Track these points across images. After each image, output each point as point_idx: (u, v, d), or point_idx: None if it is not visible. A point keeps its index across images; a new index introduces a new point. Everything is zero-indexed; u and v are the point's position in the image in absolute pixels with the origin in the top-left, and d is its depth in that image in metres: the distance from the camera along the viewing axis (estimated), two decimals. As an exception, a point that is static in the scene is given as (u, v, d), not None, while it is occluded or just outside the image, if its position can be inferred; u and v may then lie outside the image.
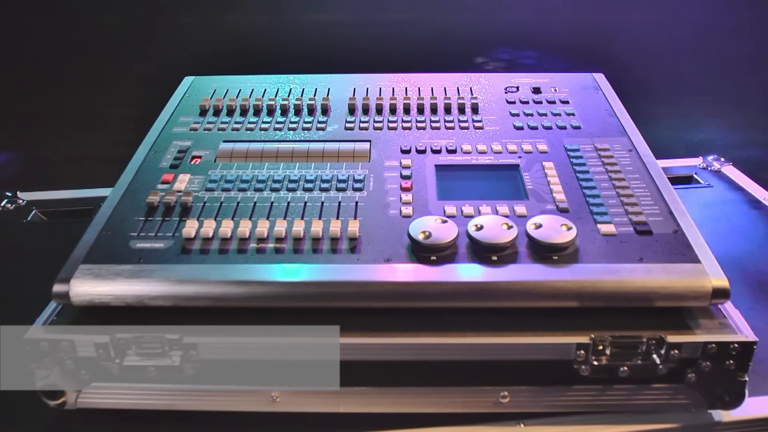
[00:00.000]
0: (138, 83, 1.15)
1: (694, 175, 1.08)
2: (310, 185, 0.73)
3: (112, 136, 1.17)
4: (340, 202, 0.70)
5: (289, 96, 0.92)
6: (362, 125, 0.85)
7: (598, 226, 0.66)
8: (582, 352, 0.59)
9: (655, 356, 0.59)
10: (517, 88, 0.94)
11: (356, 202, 0.70)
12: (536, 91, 0.93)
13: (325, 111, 0.89)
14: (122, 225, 0.67)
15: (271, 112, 0.89)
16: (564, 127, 0.84)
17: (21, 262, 0.88)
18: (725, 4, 1.16)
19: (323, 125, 0.85)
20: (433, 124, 0.85)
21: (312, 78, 0.97)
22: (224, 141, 0.82)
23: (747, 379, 0.59)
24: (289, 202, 0.70)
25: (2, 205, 1.02)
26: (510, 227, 0.62)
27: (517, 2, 1.15)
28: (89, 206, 1.00)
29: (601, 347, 0.59)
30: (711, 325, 0.60)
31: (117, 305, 0.60)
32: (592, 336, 0.58)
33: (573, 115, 0.87)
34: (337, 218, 0.67)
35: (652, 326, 0.59)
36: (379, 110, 0.89)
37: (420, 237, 0.62)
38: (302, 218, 0.67)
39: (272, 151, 0.79)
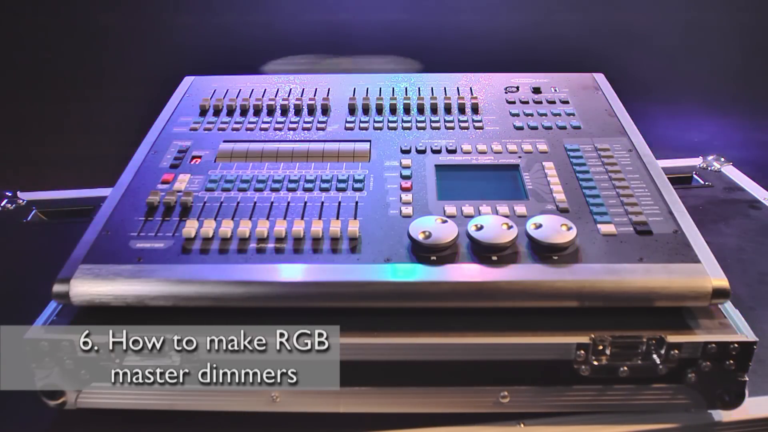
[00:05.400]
0: (138, 83, 1.15)
1: (694, 175, 1.08)
2: (310, 185, 0.73)
3: (111, 136, 1.17)
4: (340, 202, 0.70)
5: (289, 96, 0.92)
6: (362, 125, 0.85)
7: (598, 226, 0.66)
8: (582, 352, 0.59)
9: (655, 356, 0.59)
10: (517, 88, 0.94)
11: (356, 202, 0.70)
12: (536, 91, 0.93)
13: (325, 111, 0.89)
14: (122, 225, 0.67)
15: (271, 112, 0.89)
16: (564, 127, 0.84)
17: (21, 262, 0.88)
18: (725, 4, 1.16)
19: (323, 125, 0.85)
20: (433, 124, 0.85)
21: (312, 78, 0.97)
22: (224, 141, 0.81)
23: (747, 379, 0.59)
24: (289, 202, 0.70)
25: (2, 205, 1.02)
26: (510, 227, 0.62)
27: (517, 2, 1.15)
28: (89, 206, 1.00)
29: (601, 347, 0.59)
30: (711, 325, 0.60)
31: (117, 305, 0.60)
32: (592, 336, 0.58)
33: (573, 115, 0.87)
34: (337, 218, 0.67)
35: (652, 326, 0.59)
36: (379, 110, 0.89)
37: (420, 237, 0.61)
38: (302, 218, 0.67)
39: (272, 151, 0.79)
